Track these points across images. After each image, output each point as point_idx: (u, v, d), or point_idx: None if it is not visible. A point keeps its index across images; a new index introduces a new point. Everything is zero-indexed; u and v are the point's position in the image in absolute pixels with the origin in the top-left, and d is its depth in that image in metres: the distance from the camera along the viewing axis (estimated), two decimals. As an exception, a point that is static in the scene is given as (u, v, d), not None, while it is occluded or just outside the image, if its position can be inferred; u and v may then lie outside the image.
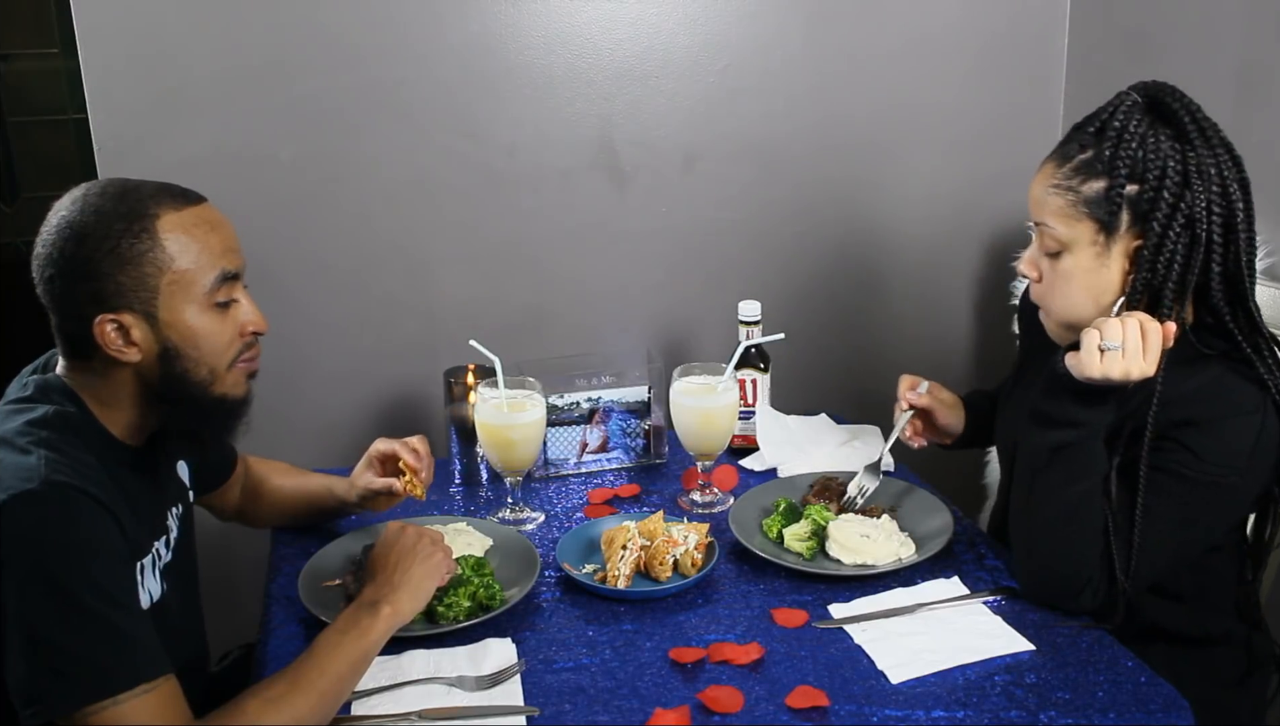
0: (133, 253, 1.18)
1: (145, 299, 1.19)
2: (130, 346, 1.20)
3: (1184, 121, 1.33)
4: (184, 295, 1.20)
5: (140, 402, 1.24)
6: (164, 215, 1.20)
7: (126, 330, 1.19)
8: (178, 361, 1.22)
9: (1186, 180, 1.32)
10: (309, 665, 1.18)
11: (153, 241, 1.18)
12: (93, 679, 1.06)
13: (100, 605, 1.07)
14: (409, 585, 1.30)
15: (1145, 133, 1.33)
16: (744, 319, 1.84)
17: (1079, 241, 1.36)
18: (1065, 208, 1.36)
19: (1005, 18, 2.23)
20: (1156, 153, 1.32)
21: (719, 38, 2.10)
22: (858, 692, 1.23)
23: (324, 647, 1.21)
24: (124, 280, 1.18)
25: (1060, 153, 1.38)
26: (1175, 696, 1.22)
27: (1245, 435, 1.32)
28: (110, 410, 1.24)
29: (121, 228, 1.18)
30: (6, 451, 1.13)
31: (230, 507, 1.62)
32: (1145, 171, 1.32)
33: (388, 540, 1.36)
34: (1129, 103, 1.36)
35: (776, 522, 1.55)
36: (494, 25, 2.00)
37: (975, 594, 1.42)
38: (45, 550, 1.06)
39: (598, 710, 1.22)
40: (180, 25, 1.87)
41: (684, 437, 1.69)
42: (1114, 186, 1.33)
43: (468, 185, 2.06)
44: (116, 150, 1.88)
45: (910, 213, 2.30)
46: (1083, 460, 1.34)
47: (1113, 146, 1.33)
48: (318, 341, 2.06)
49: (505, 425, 1.61)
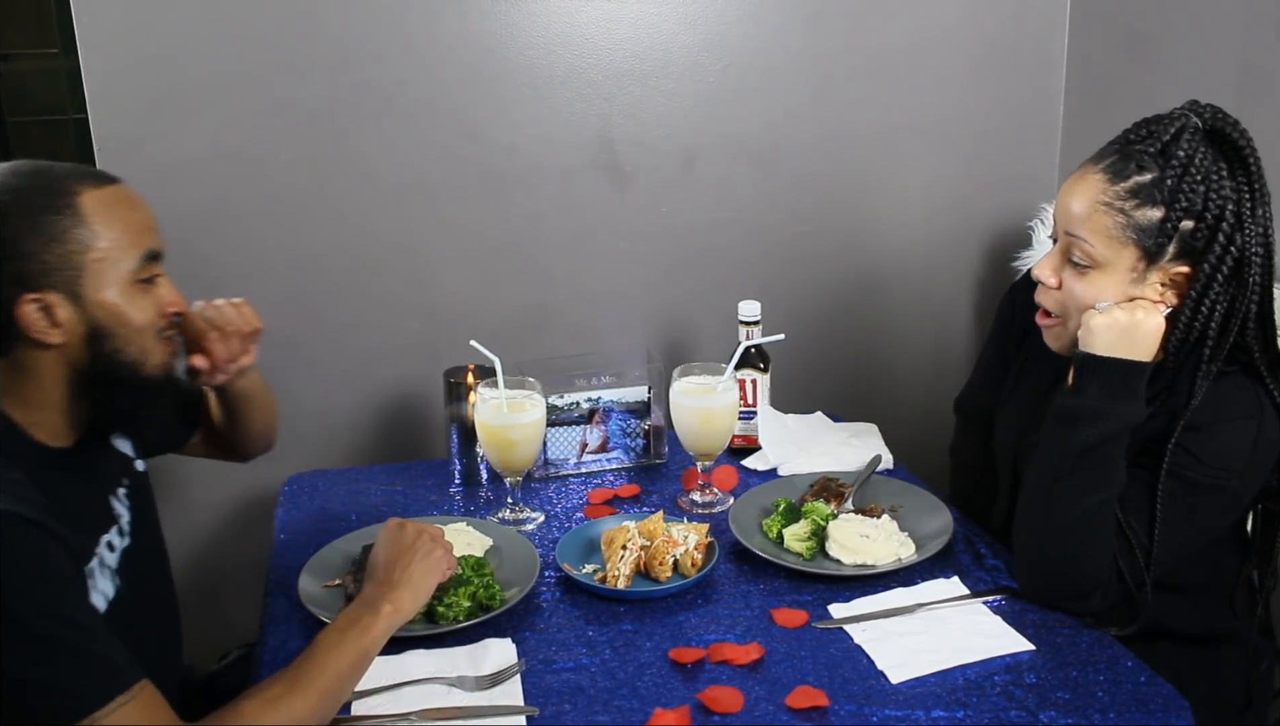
0: (57, 230, 1.15)
1: (71, 277, 1.16)
2: (54, 328, 1.16)
3: (1247, 159, 1.30)
4: (110, 273, 1.18)
5: (70, 394, 1.21)
6: (85, 192, 1.18)
7: (50, 310, 1.16)
8: (107, 341, 1.19)
9: (1240, 222, 1.29)
10: (309, 664, 1.18)
11: (76, 218, 1.16)
12: (65, 704, 1.03)
13: (59, 630, 1.05)
14: (409, 583, 1.30)
15: (1210, 168, 1.29)
16: (744, 319, 1.84)
17: (1117, 264, 1.33)
18: (1112, 229, 1.32)
19: (1005, 18, 2.23)
20: (1219, 192, 1.29)
21: (719, 38, 2.10)
22: (857, 692, 1.23)
23: (324, 646, 1.20)
24: (48, 258, 1.15)
25: (1112, 167, 1.33)
26: (1175, 696, 1.22)
27: (1244, 438, 1.32)
28: (35, 412, 1.19)
29: (44, 204, 1.15)
30: None
31: (199, 447, 1.61)
32: (1205, 210, 1.29)
33: (386, 538, 1.35)
34: (1192, 128, 1.31)
35: (776, 522, 1.55)
36: (494, 25, 2.00)
37: (975, 594, 1.42)
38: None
39: (597, 710, 1.22)
40: (180, 25, 1.87)
41: (684, 437, 1.69)
42: (1170, 219, 1.29)
43: (468, 185, 2.06)
44: (116, 150, 1.88)
45: (910, 212, 2.30)
46: (1105, 468, 1.32)
47: (1176, 177, 1.29)
48: (318, 341, 2.06)
49: (505, 425, 1.61)
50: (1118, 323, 1.31)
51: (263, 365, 1.51)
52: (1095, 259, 1.33)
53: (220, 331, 1.43)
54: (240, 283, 1.59)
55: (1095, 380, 1.32)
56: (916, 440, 2.01)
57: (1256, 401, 1.33)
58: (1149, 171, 1.30)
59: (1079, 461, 1.32)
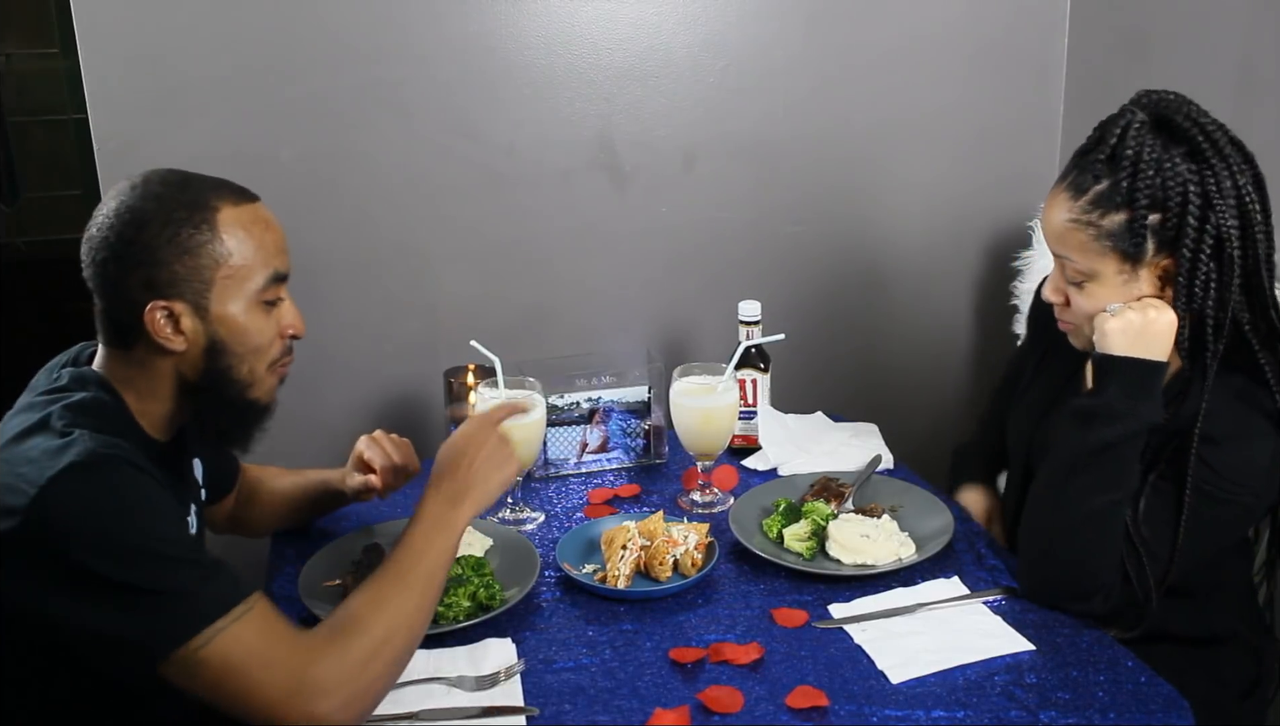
0: (192, 242, 1.19)
1: (199, 290, 1.20)
2: (178, 335, 1.21)
3: (1195, 138, 1.30)
4: (236, 290, 1.22)
5: (176, 396, 1.25)
6: (224, 209, 1.22)
7: (176, 319, 1.20)
8: (222, 356, 1.23)
9: (1208, 201, 1.29)
10: (406, 562, 1.21)
11: (212, 233, 1.20)
12: (192, 611, 1.08)
13: (173, 548, 1.10)
14: (481, 482, 1.32)
15: (1160, 158, 1.29)
16: (744, 319, 1.84)
17: (1104, 273, 1.34)
18: (1087, 242, 1.33)
19: (1005, 18, 2.23)
20: (1175, 178, 1.29)
21: (719, 38, 2.10)
22: (857, 692, 1.23)
23: (417, 544, 1.23)
24: (180, 269, 1.19)
25: (1073, 184, 1.35)
26: (1175, 696, 1.22)
27: (1263, 457, 1.32)
28: (145, 402, 1.24)
29: (183, 217, 1.19)
30: (46, 436, 1.13)
31: (224, 517, 1.63)
32: (1166, 199, 1.29)
33: (459, 439, 1.36)
34: (1136, 124, 1.32)
35: (776, 522, 1.55)
36: (494, 25, 2.00)
37: (975, 593, 1.42)
38: (105, 515, 1.07)
39: (597, 710, 1.22)
40: (180, 25, 1.87)
41: (684, 437, 1.69)
42: (1136, 218, 1.30)
43: (468, 185, 2.06)
44: (116, 150, 1.88)
45: (910, 212, 2.30)
46: (1119, 468, 1.32)
47: (1129, 177, 1.30)
48: (317, 341, 2.04)
49: (506, 425, 1.61)
50: (1131, 323, 1.32)
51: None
52: (1083, 273, 1.36)
53: (389, 462, 1.55)
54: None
55: (1114, 381, 1.32)
56: (916, 439, 2.01)
57: (1276, 417, 1.33)
58: (1104, 179, 1.32)
59: (1094, 459, 1.32)
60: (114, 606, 1.06)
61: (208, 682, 1.08)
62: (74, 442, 1.10)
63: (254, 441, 1.34)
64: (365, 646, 1.13)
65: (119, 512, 1.08)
